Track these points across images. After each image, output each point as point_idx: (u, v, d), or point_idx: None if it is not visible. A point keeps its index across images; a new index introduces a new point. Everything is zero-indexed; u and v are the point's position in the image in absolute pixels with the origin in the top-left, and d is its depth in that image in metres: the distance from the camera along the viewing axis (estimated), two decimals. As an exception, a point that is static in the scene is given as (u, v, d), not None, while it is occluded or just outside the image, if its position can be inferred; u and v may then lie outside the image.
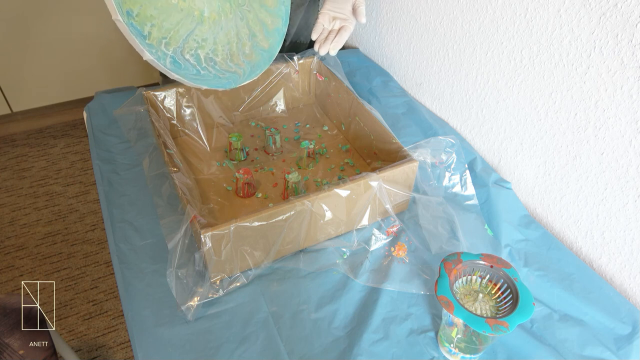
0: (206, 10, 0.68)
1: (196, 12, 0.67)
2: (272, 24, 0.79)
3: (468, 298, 0.58)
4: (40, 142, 1.96)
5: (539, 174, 0.81)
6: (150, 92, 0.83)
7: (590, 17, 0.65)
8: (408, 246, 0.74)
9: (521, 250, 0.75)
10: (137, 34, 0.60)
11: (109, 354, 1.28)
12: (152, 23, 0.62)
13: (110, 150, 0.87)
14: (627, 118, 0.65)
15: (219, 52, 0.71)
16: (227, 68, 0.73)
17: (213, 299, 0.65)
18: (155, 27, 0.62)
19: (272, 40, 0.80)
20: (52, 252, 1.53)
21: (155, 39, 0.63)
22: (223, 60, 0.72)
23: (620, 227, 0.70)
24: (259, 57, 0.79)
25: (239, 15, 0.73)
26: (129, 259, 0.69)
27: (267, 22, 0.78)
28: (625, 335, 0.64)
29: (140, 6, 0.61)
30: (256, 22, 0.76)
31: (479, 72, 0.87)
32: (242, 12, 0.74)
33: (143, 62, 2.28)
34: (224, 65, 0.72)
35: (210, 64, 0.70)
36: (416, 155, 0.75)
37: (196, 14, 0.67)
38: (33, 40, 1.78)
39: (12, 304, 0.80)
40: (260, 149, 0.90)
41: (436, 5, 0.93)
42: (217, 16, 0.69)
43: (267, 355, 0.60)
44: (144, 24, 0.61)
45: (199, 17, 0.67)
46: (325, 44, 0.88)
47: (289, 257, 0.71)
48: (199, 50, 0.68)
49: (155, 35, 0.62)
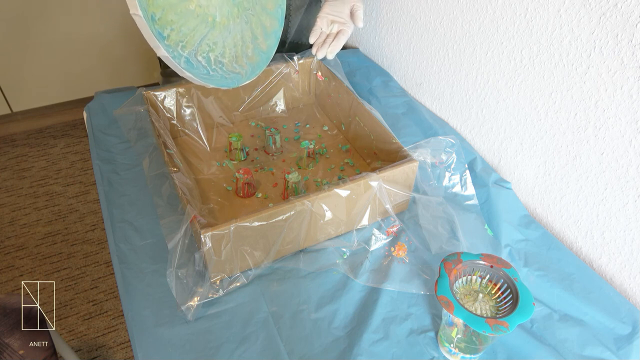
0: (218, 15, 0.71)
1: (209, 18, 0.71)
2: (271, 26, 0.80)
3: (468, 298, 0.58)
4: (40, 142, 1.96)
5: (539, 174, 0.81)
6: (150, 92, 0.83)
7: (590, 17, 0.65)
8: (408, 246, 0.74)
9: (521, 250, 0.75)
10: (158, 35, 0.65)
11: (109, 354, 1.28)
12: (172, 27, 0.66)
13: (110, 150, 0.87)
14: (627, 118, 0.65)
15: (227, 55, 0.74)
16: (232, 69, 0.76)
17: (213, 299, 0.65)
18: (175, 31, 0.67)
19: (269, 42, 0.81)
20: (52, 252, 1.54)
21: (173, 41, 0.67)
22: (229, 62, 0.75)
23: (620, 227, 0.70)
24: (259, 58, 0.81)
25: (244, 19, 0.76)
26: (129, 259, 0.69)
27: (267, 25, 0.79)
28: (625, 335, 0.64)
29: (162, 10, 0.65)
30: (258, 25, 0.78)
31: (479, 72, 0.87)
32: (247, 15, 0.76)
33: (143, 62, 2.28)
34: (230, 66, 0.75)
35: (218, 66, 0.74)
36: (416, 155, 0.75)
37: (209, 20, 0.71)
38: (33, 40, 1.78)
39: (12, 304, 0.80)
40: (260, 149, 0.90)
41: (436, 5, 0.93)
42: (227, 21, 0.73)
43: (267, 355, 0.60)
44: (164, 27, 0.66)
45: (211, 23, 0.71)
46: (322, 47, 0.88)
47: (289, 257, 0.71)
48: (210, 53, 0.72)
49: (173, 38, 0.67)
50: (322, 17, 0.88)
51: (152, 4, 0.64)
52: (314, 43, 0.89)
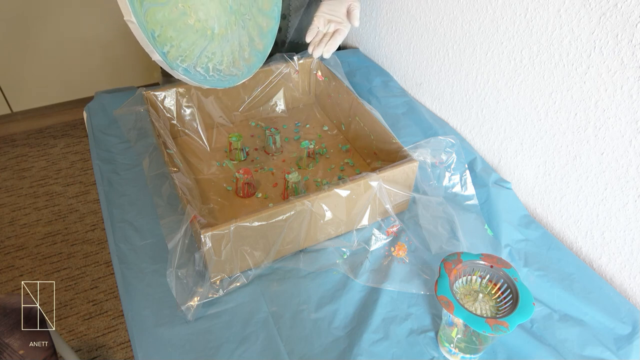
0: (216, 27, 0.72)
1: (208, 31, 0.71)
2: (267, 26, 0.80)
3: (468, 298, 0.58)
4: (40, 142, 1.96)
5: (539, 174, 0.81)
6: (150, 92, 0.83)
7: (590, 17, 0.65)
8: (408, 246, 0.74)
9: (521, 250, 0.75)
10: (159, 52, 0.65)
11: (109, 354, 1.28)
12: (172, 44, 0.67)
13: (110, 150, 0.87)
14: (627, 118, 0.65)
15: (224, 62, 0.75)
16: (230, 73, 0.76)
17: (213, 299, 0.65)
18: (174, 47, 0.67)
19: (265, 41, 0.82)
20: (52, 252, 1.53)
21: (173, 57, 0.67)
22: (227, 67, 0.75)
23: (620, 227, 0.70)
24: (255, 58, 0.81)
25: (241, 24, 0.76)
26: (129, 259, 0.69)
27: (263, 25, 0.80)
28: (625, 335, 0.64)
29: (161, 27, 0.65)
30: (254, 27, 0.78)
31: (479, 72, 0.87)
32: (244, 20, 0.76)
33: (143, 62, 2.27)
34: (227, 71, 0.76)
35: (216, 72, 0.74)
36: (416, 155, 0.75)
37: (208, 33, 0.71)
38: (33, 40, 1.78)
39: (12, 304, 0.80)
40: (260, 149, 0.90)
41: (436, 5, 0.93)
42: (225, 31, 0.73)
43: (267, 355, 0.60)
44: (164, 44, 0.66)
45: (210, 36, 0.72)
46: (319, 46, 0.88)
47: (289, 257, 0.71)
48: (209, 63, 0.73)
49: (173, 54, 0.67)
50: (319, 15, 0.89)
51: (150, 21, 0.63)
52: (311, 42, 0.90)
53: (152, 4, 0.63)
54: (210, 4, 0.70)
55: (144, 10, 0.62)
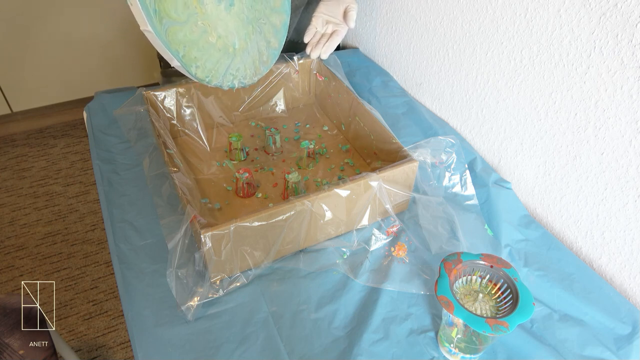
0: (237, 42, 0.73)
1: (230, 48, 0.72)
2: (280, 22, 0.81)
3: (468, 298, 0.58)
4: (40, 142, 1.96)
5: (539, 174, 0.81)
6: (150, 92, 0.83)
7: (590, 17, 0.65)
8: (408, 246, 0.74)
9: (521, 250, 0.75)
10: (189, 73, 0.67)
11: (109, 354, 1.28)
12: (197, 64, 0.68)
13: (110, 150, 0.87)
14: (627, 118, 0.65)
15: (248, 75, 0.77)
16: (252, 82, 0.79)
17: (213, 299, 0.65)
18: (200, 68, 0.68)
19: (280, 37, 0.82)
20: (52, 252, 1.54)
21: (200, 78, 0.69)
22: (250, 78, 0.78)
23: (620, 227, 0.70)
24: (272, 57, 0.82)
25: (258, 31, 0.76)
26: (129, 259, 0.69)
27: (277, 23, 0.80)
28: (625, 335, 0.64)
29: (184, 47, 0.65)
30: (269, 29, 0.79)
31: (479, 72, 0.87)
32: (260, 26, 0.77)
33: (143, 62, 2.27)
34: (251, 81, 0.78)
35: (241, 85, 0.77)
36: (416, 155, 0.75)
37: (230, 51, 0.72)
38: (33, 40, 1.78)
39: (12, 304, 0.80)
40: (260, 149, 0.90)
41: (436, 5, 0.93)
42: (245, 44, 0.74)
43: (267, 355, 0.60)
44: (189, 65, 0.67)
45: (232, 53, 0.73)
46: (316, 47, 0.89)
47: (289, 257, 0.71)
48: (234, 80, 0.75)
49: (199, 76, 0.69)
50: (317, 16, 0.89)
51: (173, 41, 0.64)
52: (308, 42, 0.90)
53: (171, 23, 0.63)
54: (228, 17, 0.71)
55: (164, 29, 0.63)
